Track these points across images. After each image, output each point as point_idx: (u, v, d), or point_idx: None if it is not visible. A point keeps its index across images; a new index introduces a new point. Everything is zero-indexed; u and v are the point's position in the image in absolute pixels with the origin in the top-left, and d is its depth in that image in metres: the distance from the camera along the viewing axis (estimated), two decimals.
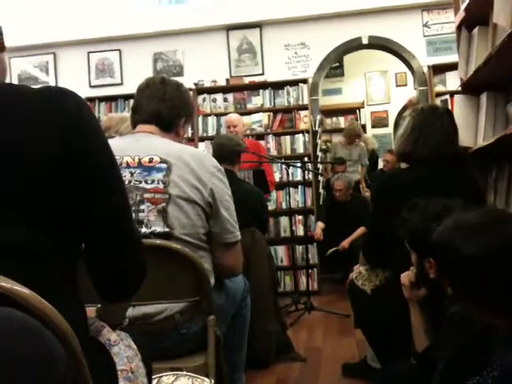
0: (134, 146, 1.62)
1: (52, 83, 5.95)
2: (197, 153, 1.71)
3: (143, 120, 1.73)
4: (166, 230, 1.55)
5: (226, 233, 1.68)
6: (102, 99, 5.82)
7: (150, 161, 1.58)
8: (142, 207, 1.54)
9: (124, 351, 1.07)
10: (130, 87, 5.65)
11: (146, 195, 1.55)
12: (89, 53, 5.96)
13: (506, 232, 1.07)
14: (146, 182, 1.56)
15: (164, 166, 1.57)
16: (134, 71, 5.81)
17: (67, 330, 0.76)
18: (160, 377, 1.47)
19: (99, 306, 1.16)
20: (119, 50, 5.93)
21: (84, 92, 5.54)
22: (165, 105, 1.72)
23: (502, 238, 1.07)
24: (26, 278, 0.74)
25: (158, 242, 1.50)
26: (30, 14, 5.75)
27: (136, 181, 1.56)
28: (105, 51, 5.95)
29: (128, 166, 1.57)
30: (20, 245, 0.82)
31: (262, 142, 5.41)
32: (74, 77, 5.88)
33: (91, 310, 1.14)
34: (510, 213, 1.20)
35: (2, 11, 5.42)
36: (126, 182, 1.53)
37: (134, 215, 1.50)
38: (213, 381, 1.52)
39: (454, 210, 1.47)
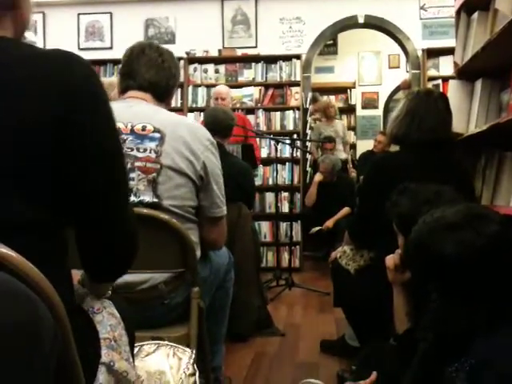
0: (126, 112, 1.58)
1: (40, 43, 5.80)
2: (191, 124, 1.68)
3: (139, 87, 1.67)
4: (155, 200, 1.53)
5: (214, 207, 1.67)
6: (90, 63, 5.68)
7: (143, 129, 1.55)
8: (132, 175, 1.51)
9: (107, 319, 1.05)
10: (120, 52, 5.48)
11: (137, 163, 1.52)
12: (79, 14, 5.81)
13: (484, 231, 1.07)
14: (137, 150, 1.53)
15: (157, 135, 1.54)
16: (125, 36, 5.68)
17: (54, 295, 0.74)
18: (141, 345, 1.46)
19: (83, 272, 1.14)
20: (110, 13, 5.79)
21: None
22: (164, 74, 1.69)
23: (481, 237, 1.06)
24: (16, 247, 0.72)
25: (145, 211, 1.48)
26: None
27: (128, 148, 1.52)
28: (95, 13, 5.80)
29: (120, 132, 1.54)
30: (11, 217, 0.80)
31: (252, 117, 5.36)
32: (63, 38, 5.73)
33: (75, 274, 1.11)
34: (488, 210, 1.18)
35: None
36: None
37: None
38: (194, 351, 1.52)
39: (444, 196, 1.48)
